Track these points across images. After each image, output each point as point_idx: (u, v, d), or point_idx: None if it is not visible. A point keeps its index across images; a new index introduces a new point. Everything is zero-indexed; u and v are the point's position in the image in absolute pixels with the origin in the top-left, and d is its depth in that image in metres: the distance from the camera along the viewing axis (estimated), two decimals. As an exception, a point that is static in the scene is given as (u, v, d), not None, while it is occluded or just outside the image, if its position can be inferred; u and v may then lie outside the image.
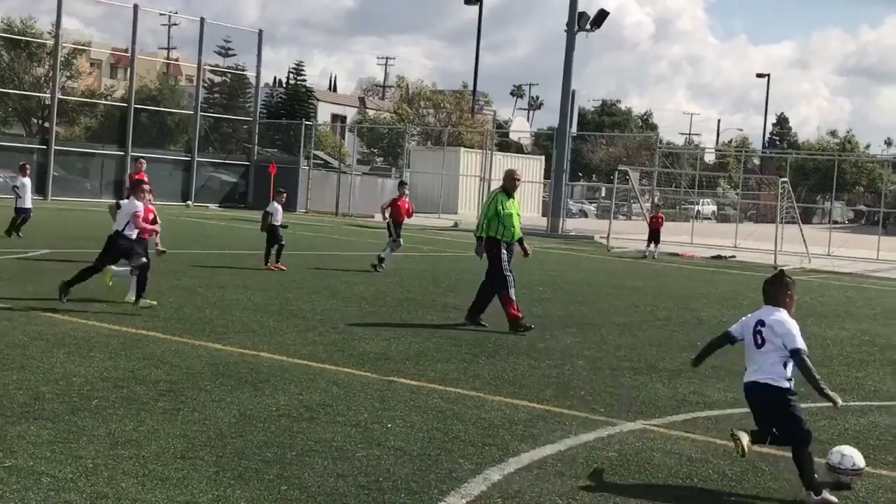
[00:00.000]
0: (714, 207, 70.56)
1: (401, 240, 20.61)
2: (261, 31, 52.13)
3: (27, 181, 23.61)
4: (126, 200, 13.29)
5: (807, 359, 6.64)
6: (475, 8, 60.51)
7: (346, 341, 11.31)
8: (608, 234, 35.15)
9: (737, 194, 55.28)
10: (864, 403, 9.87)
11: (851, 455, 6.84)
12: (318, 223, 38.90)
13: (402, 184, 22.79)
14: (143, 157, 28.40)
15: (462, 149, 53.97)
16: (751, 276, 26.20)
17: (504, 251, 13.41)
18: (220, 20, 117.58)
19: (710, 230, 46.51)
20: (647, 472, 6.90)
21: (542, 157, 57.34)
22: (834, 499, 6.34)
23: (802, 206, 50.42)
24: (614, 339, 12.94)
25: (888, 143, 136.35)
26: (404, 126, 59.61)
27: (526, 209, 53.58)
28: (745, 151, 74.68)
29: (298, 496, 5.90)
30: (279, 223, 19.26)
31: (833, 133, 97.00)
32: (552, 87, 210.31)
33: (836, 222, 63.03)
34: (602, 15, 41.68)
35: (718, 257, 32.71)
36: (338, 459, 6.67)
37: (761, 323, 6.89)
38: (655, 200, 39.64)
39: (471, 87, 68.41)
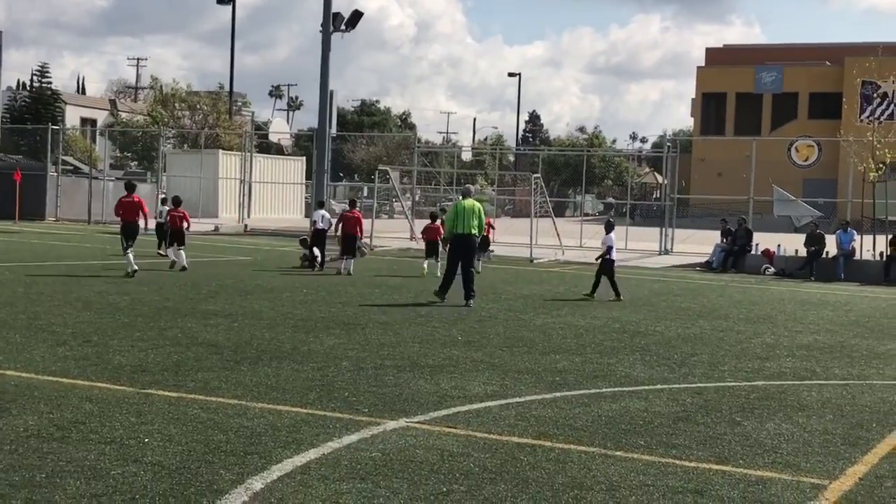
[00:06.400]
0: (473, 203, 72.11)
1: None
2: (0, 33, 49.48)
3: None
4: None
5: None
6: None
7: (99, 355, 10.87)
8: (371, 234, 35.33)
9: (493, 190, 56.76)
10: (616, 389, 10.30)
11: None
12: (68, 232, 37.29)
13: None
14: None
15: (220, 151, 52.95)
16: (507, 270, 26.98)
17: None
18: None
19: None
20: (410, 469, 6.96)
21: (304, 158, 57.06)
22: None
23: (555, 201, 52.35)
24: (378, 338, 13.01)
25: (633, 137, 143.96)
26: (159, 129, 57.96)
27: (289, 211, 53.25)
28: (500, 149, 76.80)
29: (48, 522, 5.61)
30: None
31: (582, 129, 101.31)
32: (312, 88, 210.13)
33: (587, 215, 65.77)
34: (356, 15, 41.80)
35: (478, 252, 33.44)
36: (91, 479, 6.39)
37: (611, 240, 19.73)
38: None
39: (228, 89, 67.30)
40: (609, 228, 20.39)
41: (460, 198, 18.25)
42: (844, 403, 10.08)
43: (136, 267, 19.88)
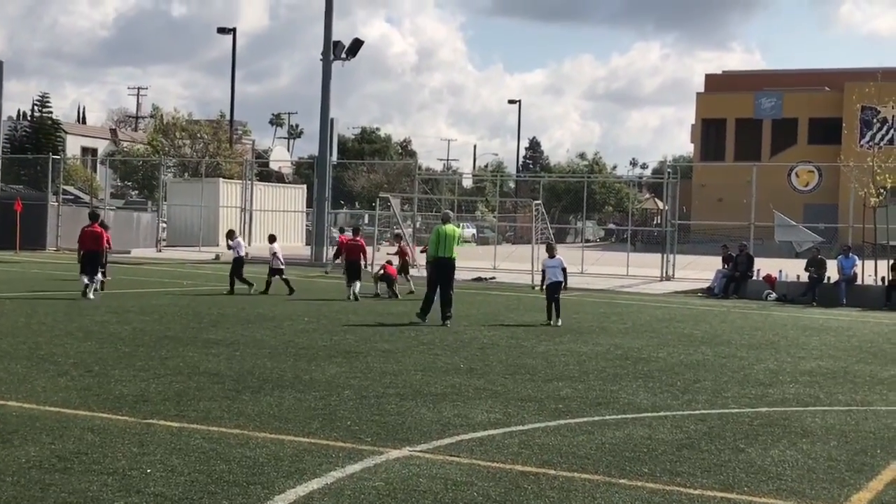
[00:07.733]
0: (473, 230, 72.26)
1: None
2: (0, 63, 49.60)
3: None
4: None
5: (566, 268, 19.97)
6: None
7: (101, 385, 10.85)
8: (371, 261, 35.31)
9: (494, 217, 56.84)
10: (619, 416, 10.26)
11: None
12: (68, 261, 37.24)
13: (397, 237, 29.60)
14: None
15: (221, 180, 52.95)
16: (509, 297, 26.96)
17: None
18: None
19: (470, 253, 47.49)
20: (414, 498, 6.93)
21: (304, 186, 57.11)
22: None
23: (556, 227, 52.36)
24: (380, 366, 12.98)
25: (634, 163, 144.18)
26: (159, 158, 58.05)
27: (290, 238, 53.23)
28: (501, 175, 76.90)
29: (50, 554, 5.58)
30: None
31: (582, 155, 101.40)
32: (312, 116, 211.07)
33: (588, 241, 65.84)
34: (357, 44, 42.08)
35: (479, 279, 33.45)
36: (93, 511, 6.36)
37: (551, 262, 19.76)
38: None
39: (228, 117, 67.43)
40: (552, 251, 20.54)
41: (441, 223, 19.49)
42: (848, 429, 10.05)
43: (91, 296, 20.85)
